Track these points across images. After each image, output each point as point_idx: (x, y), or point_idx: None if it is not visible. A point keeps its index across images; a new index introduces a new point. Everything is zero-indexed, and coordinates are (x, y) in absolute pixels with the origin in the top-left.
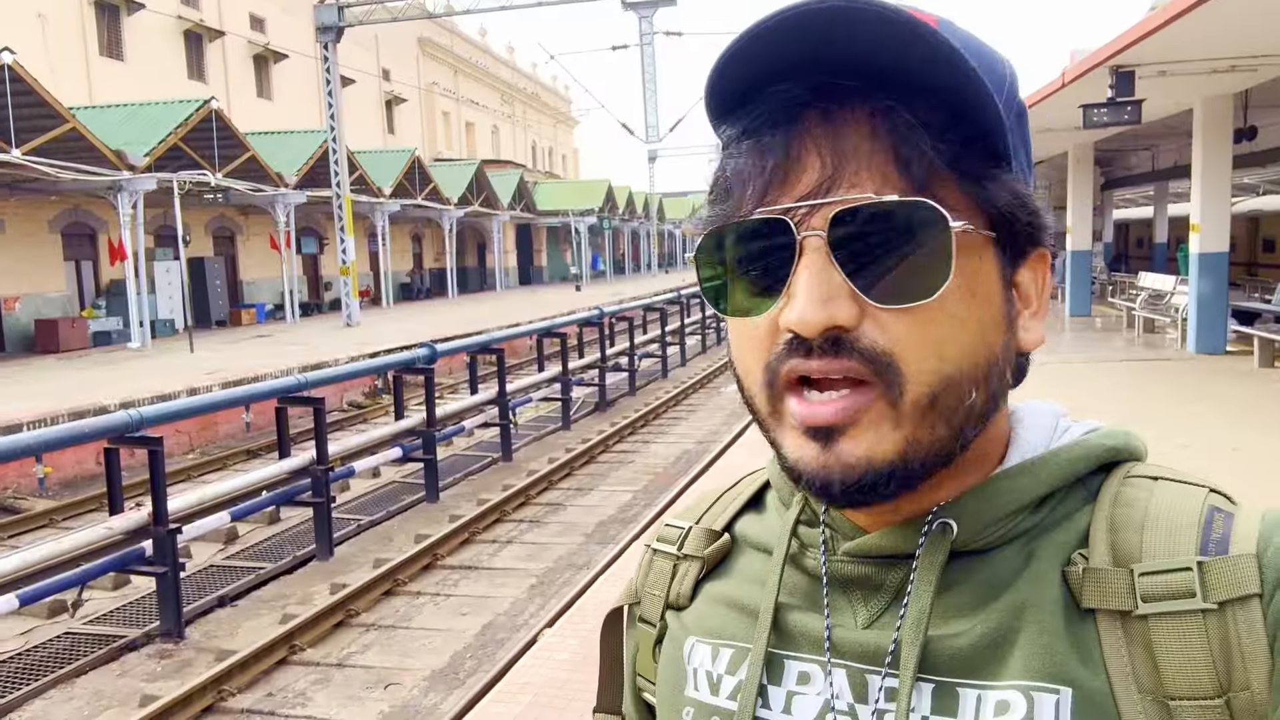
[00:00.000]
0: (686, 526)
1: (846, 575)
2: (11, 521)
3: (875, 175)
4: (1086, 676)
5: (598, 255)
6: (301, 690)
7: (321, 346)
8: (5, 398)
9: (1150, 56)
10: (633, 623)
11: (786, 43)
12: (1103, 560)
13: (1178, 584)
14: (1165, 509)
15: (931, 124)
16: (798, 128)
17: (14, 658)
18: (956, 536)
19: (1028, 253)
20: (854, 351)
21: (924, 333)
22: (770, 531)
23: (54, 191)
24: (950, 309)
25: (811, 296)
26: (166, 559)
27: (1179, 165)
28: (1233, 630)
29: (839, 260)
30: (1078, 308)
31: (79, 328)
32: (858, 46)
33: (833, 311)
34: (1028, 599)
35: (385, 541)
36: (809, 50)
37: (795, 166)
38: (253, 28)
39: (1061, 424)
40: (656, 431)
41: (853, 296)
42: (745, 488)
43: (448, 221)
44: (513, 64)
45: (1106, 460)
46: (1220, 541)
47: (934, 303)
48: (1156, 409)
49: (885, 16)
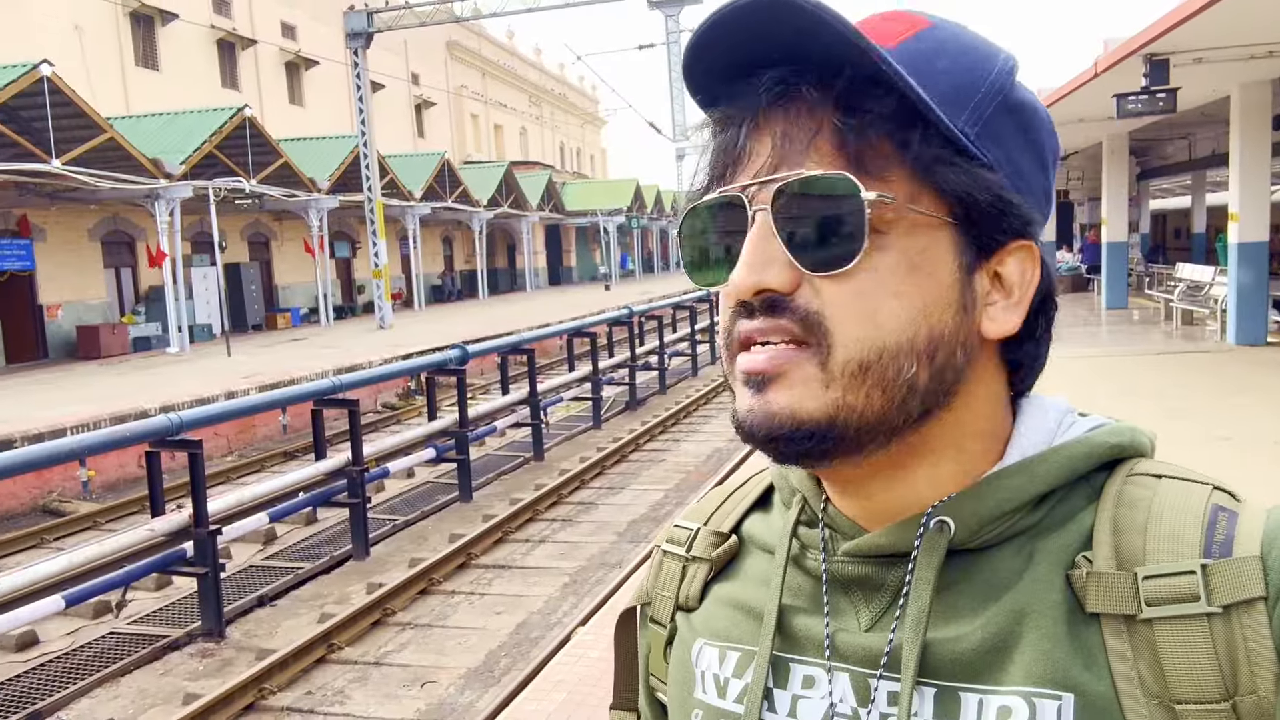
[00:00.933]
0: (695, 528)
1: (847, 576)
2: (56, 524)
3: (817, 155)
4: (1090, 681)
5: (626, 254)
6: (340, 688)
7: (355, 349)
8: (49, 403)
9: (1185, 44)
10: (645, 623)
11: (734, 42)
12: (1107, 563)
13: (1182, 587)
14: (1168, 509)
15: (878, 112)
16: (756, 117)
17: (61, 657)
18: (954, 535)
19: (1002, 242)
20: (787, 312)
21: (855, 300)
22: (775, 532)
23: (93, 200)
24: (884, 280)
25: (745, 262)
26: (207, 560)
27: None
28: (1238, 634)
29: (781, 231)
30: (1114, 300)
31: (119, 334)
32: (794, 40)
33: (760, 275)
34: (1029, 602)
35: (420, 541)
36: (762, 46)
37: (750, 150)
38: (284, 35)
39: (1066, 420)
40: (687, 430)
41: (789, 264)
42: (752, 488)
43: (477, 223)
44: (540, 65)
45: (1110, 458)
46: (1224, 543)
47: (866, 272)
48: (1197, 402)
49: (795, 8)
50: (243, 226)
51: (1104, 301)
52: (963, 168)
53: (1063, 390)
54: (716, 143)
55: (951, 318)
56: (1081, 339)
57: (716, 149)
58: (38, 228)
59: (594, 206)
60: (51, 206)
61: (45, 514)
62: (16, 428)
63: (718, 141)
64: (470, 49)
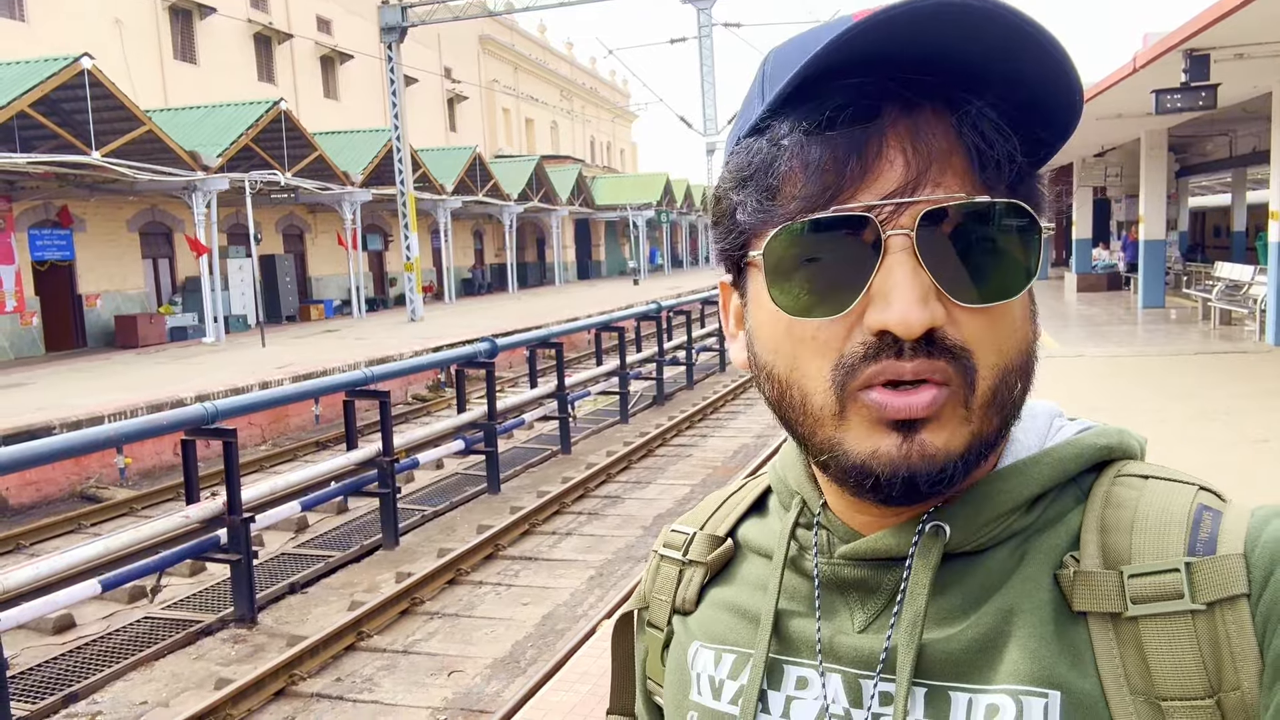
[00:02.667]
0: (691, 532)
1: (843, 578)
2: (94, 510)
3: (958, 175)
4: (1076, 679)
5: (655, 249)
6: (369, 676)
7: (386, 341)
8: (89, 391)
9: (1226, 39)
10: (642, 627)
11: (884, 37)
12: (1093, 562)
13: (1166, 585)
14: (1154, 509)
15: (1004, 127)
16: (876, 123)
17: (97, 640)
18: (950, 538)
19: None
20: (944, 351)
21: (993, 329)
22: (771, 536)
23: (131, 192)
24: (1012, 305)
25: (911, 297)
26: (240, 547)
27: (1257, 151)
28: (1222, 631)
29: (924, 260)
30: (1151, 299)
31: (157, 324)
32: (948, 41)
33: (933, 311)
34: (1018, 602)
35: (448, 532)
36: (896, 46)
37: (877, 163)
38: (319, 29)
39: (1056, 423)
40: (714, 425)
41: (940, 296)
42: (748, 493)
43: (508, 217)
44: (572, 60)
45: (1099, 459)
46: (1208, 541)
47: (1008, 301)
48: (1233, 403)
49: (997, 13)
50: (277, 219)
51: (1140, 300)
52: (1034, 176)
53: (1096, 390)
54: (811, 148)
55: (1030, 328)
56: (1117, 338)
57: (815, 156)
58: (78, 218)
59: (623, 201)
60: (91, 198)
61: (83, 500)
62: (56, 415)
63: (812, 146)
64: (503, 43)
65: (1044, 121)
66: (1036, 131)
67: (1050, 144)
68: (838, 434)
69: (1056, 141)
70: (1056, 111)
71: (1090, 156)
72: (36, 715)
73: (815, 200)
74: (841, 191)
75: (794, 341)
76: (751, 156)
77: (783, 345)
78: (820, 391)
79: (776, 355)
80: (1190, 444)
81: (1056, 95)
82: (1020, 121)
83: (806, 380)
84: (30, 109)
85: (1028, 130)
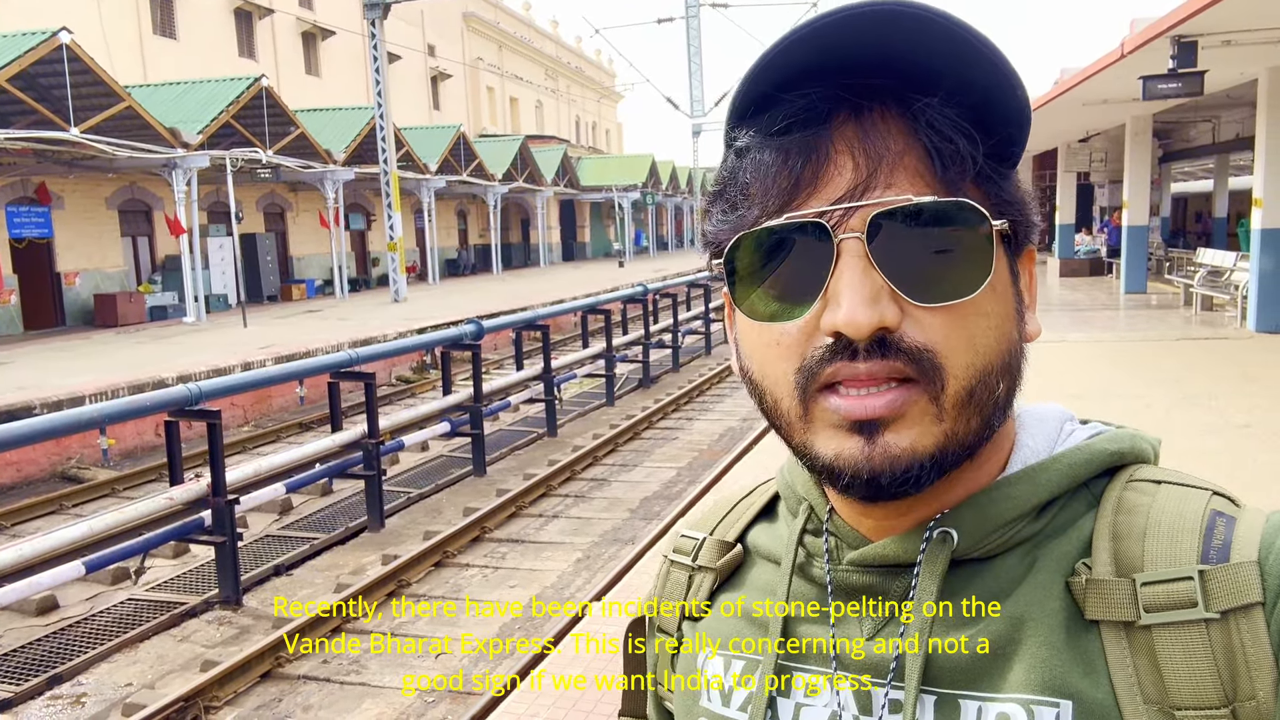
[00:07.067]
0: (701, 538)
1: (852, 585)
2: (76, 490)
3: (910, 175)
4: (1088, 688)
5: (641, 231)
6: (355, 658)
7: (370, 322)
8: (69, 371)
9: (1214, 26)
10: (652, 632)
11: (822, 45)
12: (1105, 570)
13: (1180, 593)
14: (1167, 515)
15: (961, 124)
16: (827, 128)
17: (80, 622)
18: (958, 545)
19: (1024, 248)
20: (899, 352)
21: (960, 329)
22: (780, 542)
23: (111, 169)
24: (980, 304)
25: (859, 298)
26: (225, 529)
27: (1241, 137)
28: (1236, 639)
29: (877, 261)
30: (1133, 284)
31: (136, 302)
32: (894, 47)
33: (882, 312)
34: (1028, 610)
35: (434, 514)
36: (840, 52)
37: (827, 168)
38: (301, 5)
39: (1066, 428)
40: (700, 408)
41: (894, 297)
42: (757, 498)
43: (492, 197)
44: (557, 39)
45: (1110, 464)
46: (1222, 548)
47: (969, 299)
48: (1215, 389)
49: (928, 17)
50: (258, 197)
51: (1122, 285)
52: (1010, 178)
53: (1079, 376)
54: (768, 157)
55: (1014, 328)
56: (1099, 323)
57: (771, 164)
58: (56, 195)
59: (609, 182)
60: (70, 174)
61: (64, 480)
62: (36, 395)
63: (769, 155)
64: (487, 21)
65: (1003, 120)
66: (999, 131)
67: (1017, 142)
68: (807, 437)
69: (1020, 140)
70: (1004, 110)
71: (1075, 141)
72: (20, 697)
73: (771, 208)
74: (796, 197)
75: (763, 347)
76: (722, 169)
77: (755, 351)
78: (787, 396)
79: (752, 360)
80: (1174, 430)
81: (997, 92)
82: (981, 122)
83: (776, 385)
84: (7, 84)
85: (992, 129)
